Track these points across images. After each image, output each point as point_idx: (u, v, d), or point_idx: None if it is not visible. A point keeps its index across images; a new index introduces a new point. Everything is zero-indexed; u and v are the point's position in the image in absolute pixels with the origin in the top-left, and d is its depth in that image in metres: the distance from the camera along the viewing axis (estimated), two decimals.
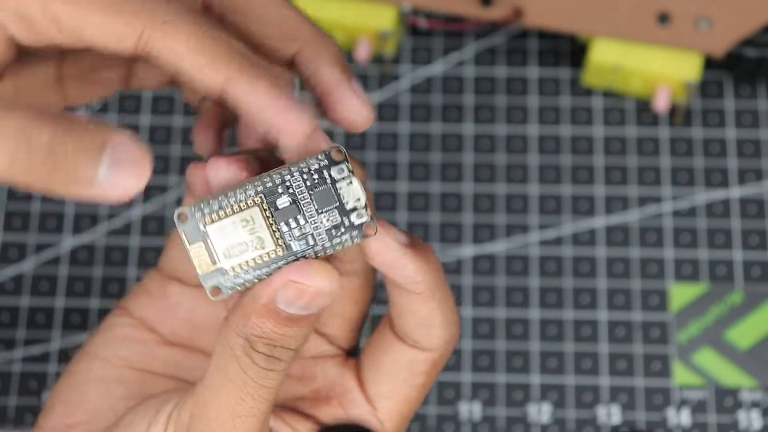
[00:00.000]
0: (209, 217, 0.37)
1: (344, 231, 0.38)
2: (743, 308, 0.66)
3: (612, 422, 0.64)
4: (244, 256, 0.37)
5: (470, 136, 0.69)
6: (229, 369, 0.38)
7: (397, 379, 0.42)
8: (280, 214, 0.38)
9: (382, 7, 0.68)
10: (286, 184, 0.37)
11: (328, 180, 0.38)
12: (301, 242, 0.38)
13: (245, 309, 0.38)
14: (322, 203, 0.38)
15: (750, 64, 0.68)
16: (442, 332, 0.41)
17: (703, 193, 0.68)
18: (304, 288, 0.37)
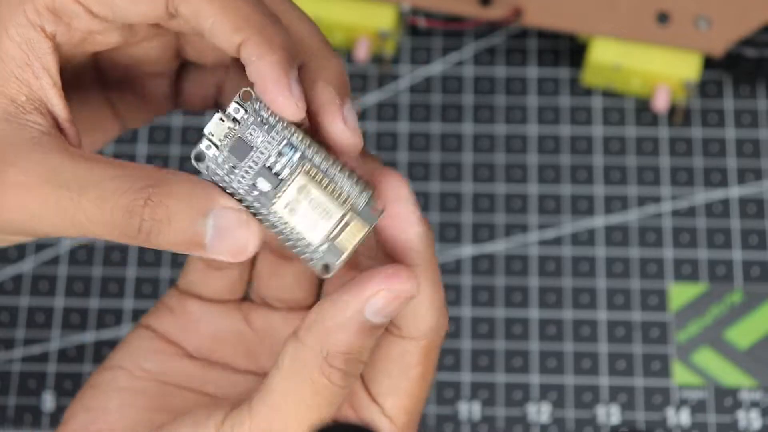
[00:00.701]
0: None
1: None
2: (743, 308, 0.66)
3: (611, 422, 0.64)
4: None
5: (469, 136, 0.69)
6: (303, 391, 0.38)
7: (393, 373, 0.41)
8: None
9: (381, 7, 0.68)
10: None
11: None
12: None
13: (326, 324, 0.37)
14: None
15: (749, 64, 0.68)
16: (429, 317, 0.40)
17: (703, 192, 0.68)
18: (396, 295, 0.37)
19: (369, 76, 0.70)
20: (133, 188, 0.36)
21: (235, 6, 0.37)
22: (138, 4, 0.37)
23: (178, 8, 0.37)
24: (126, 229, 0.36)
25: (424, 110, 0.70)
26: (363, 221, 0.38)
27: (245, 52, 0.37)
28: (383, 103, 0.70)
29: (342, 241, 0.37)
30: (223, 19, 0.37)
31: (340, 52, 0.70)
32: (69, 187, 0.36)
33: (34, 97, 0.37)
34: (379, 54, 0.69)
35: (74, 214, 0.36)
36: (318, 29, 0.40)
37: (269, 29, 0.37)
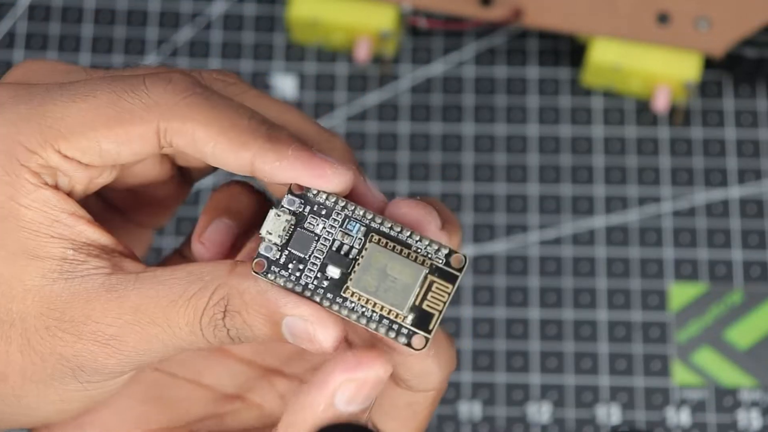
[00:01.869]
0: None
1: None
2: (743, 308, 0.66)
3: (611, 422, 0.64)
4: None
5: (470, 136, 0.69)
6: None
7: (400, 418, 0.40)
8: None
9: (382, 7, 0.68)
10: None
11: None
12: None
13: (300, 427, 0.36)
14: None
15: (750, 64, 0.68)
16: (441, 373, 0.39)
17: (703, 193, 0.68)
18: (363, 382, 0.36)
19: (369, 76, 0.70)
20: (210, 304, 0.36)
21: (231, 123, 0.36)
22: (128, 146, 0.37)
23: (173, 141, 0.36)
24: (221, 340, 0.37)
25: (424, 110, 0.70)
26: (447, 279, 0.35)
27: (263, 164, 0.36)
28: (384, 104, 0.70)
29: (429, 305, 0.35)
30: (225, 140, 0.36)
31: (340, 53, 0.70)
32: (159, 323, 0.36)
33: (80, 245, 0.37)
34: (380, 54, 0.69)
35: (173, 343, 0.37)
36: (306, 116, 0.40)
37: (273, 131, 0.37)
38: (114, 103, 0.36)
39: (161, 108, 0.36)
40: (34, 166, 0.36)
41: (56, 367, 0.37)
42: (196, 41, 0.71)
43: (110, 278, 0.37)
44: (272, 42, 0.71)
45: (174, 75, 0.37)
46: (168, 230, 0.67)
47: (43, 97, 0.37)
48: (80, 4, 0.71)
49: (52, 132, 0.36)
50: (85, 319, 0.36)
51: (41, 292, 0.37)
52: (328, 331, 0.36)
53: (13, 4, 0.71)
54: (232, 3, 0.72)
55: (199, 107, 0.36)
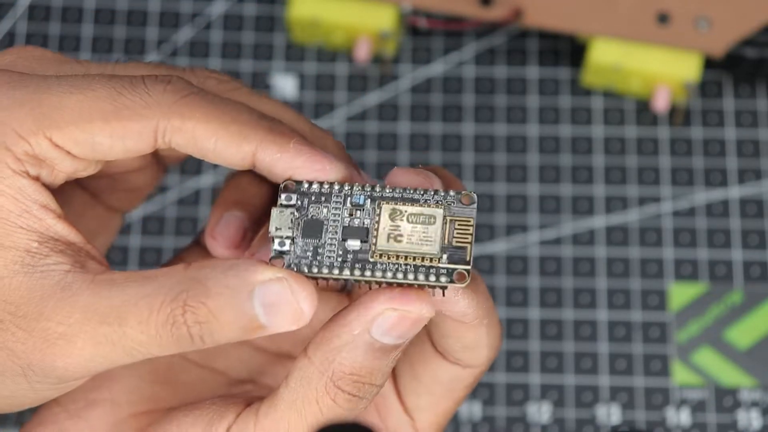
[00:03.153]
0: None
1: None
2: (743, 308, 0.66)
3: (612, 422, 0.64)
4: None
5: (470, 136, 0.69)
6: (306, 410, 0.37)
7: (437, 393, 0.40)
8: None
9: (382, 7, 0.68)
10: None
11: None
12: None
13: (332, 343, 0.36)
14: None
15: (750, 64, 0.68)
16: (487, 351, 0.40)
17: (703, 193, 0.68)
18: (404, 315, 0.36)
19: (369, 76, 0.70)
20: (167, 300, 0.35)
21: (232, 118, 0.36)
22: (122, 142, 0.36)
23: (172, 140, 0.36)
24: (178, 341, 0.35)
25: (424, 111, 0.70)
26: (466, 215, 0.36)
27: (265, 156, 0.36)
28: (384, 104, 0.70)
29: (458, 241, 0.36)
30: (227, 134, 0.36)
31: (340, 53, 0.71)
32: (109, 322, 0.35)
33: (46, 239, 0.37)
34: (380, 54, 0.69)
35: (124, 344, 0.36)
36: (300, 113, 0.40)
37: (274, 124, 0.37)
38: (113, 98, 0.36)
39: (161, 107, 0.36)
40: (20, 152, 0.36)
41: (6, 363, 0.36)
42: (196, 41, 0.71)
43: (67, 276, 0.36)
44: (272, 42, 0.71)
45: (172, 77, 0.37)
46: (168, 230, 0.67)
47: (38, 84, 0.37)
48: (80, 4, 0.71)
49: (47, 120, 0.36)
50: (37, 315, 0.36)
51: (1, 283, 0.36)
52: (307, 290, 0.35)
53: (13, 4, 0.71)
54: (232, 3, 0.72)
55: (199, 105, 0.36)
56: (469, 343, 0.39)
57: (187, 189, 0.68)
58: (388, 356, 0.37)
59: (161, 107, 0.36)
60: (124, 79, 0.37)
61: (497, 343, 0.40)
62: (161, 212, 0.67)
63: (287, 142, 0.36)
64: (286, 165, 0.36)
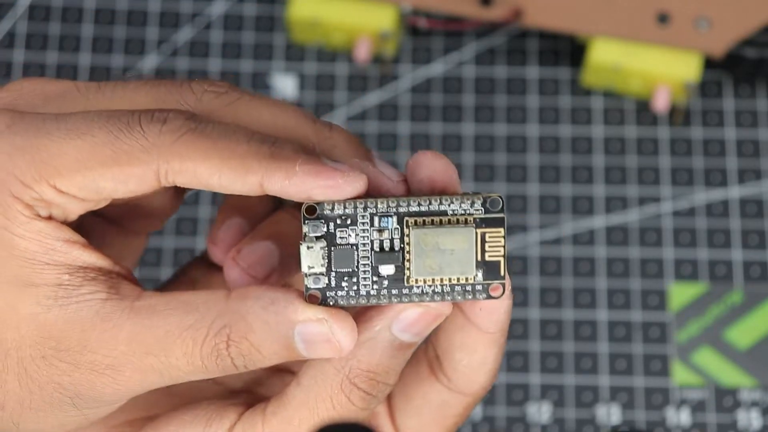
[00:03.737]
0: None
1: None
2: (743, 308, 0.66)
3: (611, 422, 0.64)
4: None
5: (470, 136, 0.69)
6: (319, 407, 0.37)
7: (428, 417, 0.40)
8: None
9: (382, 7, 0.68)
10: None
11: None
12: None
13: (361, 331, 0.36)
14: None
15: (749, 64, 0.68)
16: (486, 379, 0.39)
17: (703, 193, 0.68)
18: (426, 311, 0.36)
19: (370, 76, 0.70)
20: (210, 334, 0.35)
21: (231, 152, 0.36)
22: (125, 185, 0.36)
23: (175, 180, 0.36)
24: (223, 369, 0.36)
25: (424, 111, 0.70)
26: (495, 225, 0.36)
27: (272, 185, 0.36)
28: (384, 104, 0.70)
29: (491, 255, 0.36)
30: (229, 170, 0.36)
31: (340, 53, 0.71)
32: (154, 353, 0.36)
33: (75, 269, 0.37)
34: (380, 54, 0.69)
35: (171, 373, 0.36)
36: (303, 110, 0.39)
37: (277, 148, 0.36)
38: (111, 143, 0.36)
39: (159, 149, 0.36)
40: (28, 199, 0.36)
41: (54, 396, 0.37)
42: (196, 41, 0.71)
43: (105, 305, 0.36)
44: (272, 42, 0.71)
45: (168, 114, 0.37)
46: (168, 230, 0.67)
47: (38, 128, 0.37)
48: (80, 4, 0.71)
49: (48, 168, 0.36)
50: (81, 348, 0.36)
51: (36, 320, 0.36)
52: (346, 328, 0.35)
53: (13, 4, 0.71)
54: (232, 3, 0.72)
55: (196, 144, 0.36)
56: (475, 360, 0.39)
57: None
58: (404, 355, 0.37)
59: (159, 150, 0.36)
60: (121, 119, 0.37)
61: (493, 377, 0.40)
62: None
63: (292, 167, 0.35)
64: (297, 189, 0.36)
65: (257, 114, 0.38)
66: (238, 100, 0.39)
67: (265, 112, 0.39)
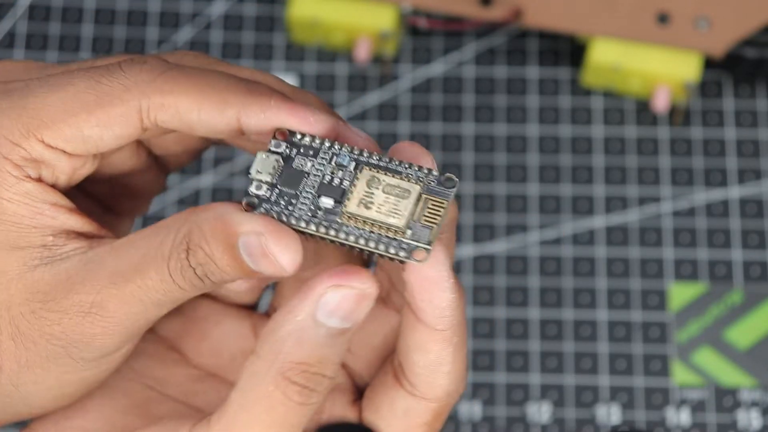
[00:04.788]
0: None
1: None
2: (743, 308, 0.66)
3: (611, 422, 0.64)
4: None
5: (470, 137, 0.69)
6: (256, 408, 0.36)
7: (396, 425, 0.39)
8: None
9: (382, 7, 0.68)
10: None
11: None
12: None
13: (278, 333, 0.36)
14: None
15: (749, 64, 0.68)
16: (446, 382, 0.39)
17: (703, 193, 0.68)
18: (347, 292, 0.35)
19: (369, 76, 0.70)
20: (174, 245, 0.36)
21: (211, 86, 0.37)
22: (110, 129, 0.37)
23: (157, 118, 0.37)
24: (192, 284, 0.36)
25: (424, 110, 0.70)
26: (441, 196, 0.36)
27: (248, 117, 0.37)
28: (384, 104, 0.70)
29: (427, 220, 0.36)
30: (209, 103, 0.37)
31: (340, 53, 0.71)
32: (132, 279, 0.36)
33: (60, 231, 0.37)
34: (380, 54, 0.69)
35: (152, 297, 0.36)
36: (278, 77, 0.40)
37: (252, 86, 0.37)
38: (92, 88, 0.37)
39: (140, 87, 0.37)
40: (17, 158, 0.37)
41: (48, 348, 0.37)
42: (196, 41, 0.71)
43: (87, 253, 0.37)
44: (272, 42, 0.71)
45: (148, 58, 0.38)
46: None
47: (22, 91, 0.38)
48: (80, 4, 0.71)
49: (35, 122, 0.37)
50: (67, 293, 0.37)
51: (23, 279, 0.37)
52: (282, 244, 0.35)
53: (13, 4, 0.71)
54: (232, 3, 0.72)
55: (177, 79, 0.37)
56: (431, 360, 0.38)
57: (187, 189, 0.68)
58: (336, 342, 0.36)
59: (140, 87, 0.37)
60: (101, 67, 0.38)
61: (458, 383, 0.39)
62: (161, 212, 0.67)
63: (268, 101, 0.37)
64: (271, 123, 0.37)
65: (236, 73, 0.39)
66: (216, 62, 0.40)
67: (243, 71, 0.40)
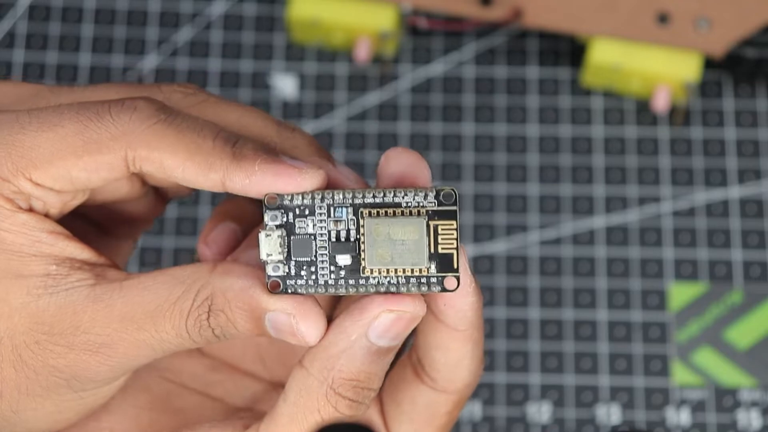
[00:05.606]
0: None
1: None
2: (742, 308, 0.66)
3: (611, 422, 0.64)
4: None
5: (470, 137, 0.69)
6: (308, 420, 0.37)
7: (418, 420, 0.41)
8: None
9: (382, 7, 0.68)
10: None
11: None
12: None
13: (330, 350, 0.37)
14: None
15: (749, 64, 0.68)
16: (466, 375, 0.40)
17: (703, 193, 0.68)
18: (400, 315, 0.37)
19: (369, 76, 0.70)
20: (195, 305, 0.37)
21: (197, 147, 0.37)
22: (96, 173, 0.37)
23: (142, 168, 0.37)
24: (206, 339, 0.37)
25: (424, 110, 0.70)
26: (448, 217, 0.36)
27: (233, 184, 0.37)
28: (384, 104, 0.70)
29: (444, 248, 0.36)
30: (193, 165, 0.37)
31: (340, 53, 0.71)
32: (146, 328, 0.37)
33: (62, 260, 0.38)
34: (380, 54, 0.69)
35: (161, 346, 0.37)
36: (267, 114, 0.40)
37: (238, 149, 0.37)
38: (81, 133, 0.37)
39: (128, 137, 0.37)
40: (7, 192, 0.37)
41: (50, 379, 0.38)
42: (196, 41, 0.71)
43: (95, 289, 0.37)
44: (272, 42, 0.71)
45: (138, 102, 0.37)
46: (168, 230, 0.67)
47: (12, 125, 0.38)
48: (80, 4, 0.71)
49: (23, 161, 0.37)
50: (74, 329, 0.37)
51: (27, 309, 0.37)
52: (310, 323, 0.36)
53: (13, 4, 0.71)
54: (232, 3, 0.72)
55: (164, 134, 0.37)
56: (452, 358, 0.39)
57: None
58: (384, 359, 0.37)
59: (128, 137, 0.37)
60: (91, 109, 0.37)
61: (477, 374, 0.40)
62: (162, 213, 0.67)
63: (252, 166, 0.36)
64: (256, 188, 0.37)
65: (224, 114, 0.39)
66: (205, 101, 0.40)
67: (230, 113, 0.40)
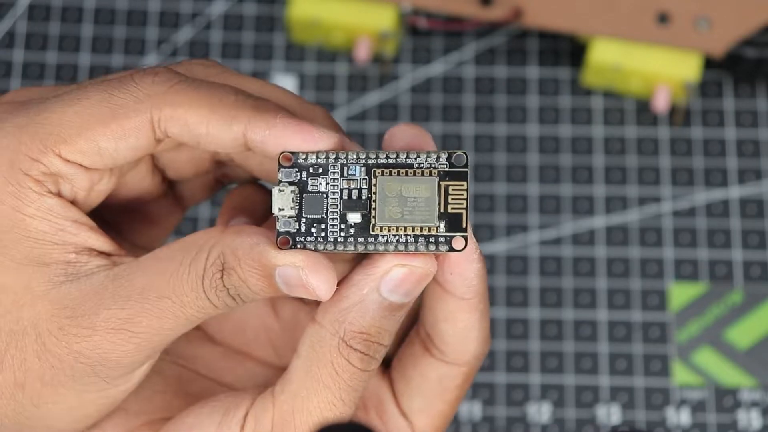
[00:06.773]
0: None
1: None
2: (743, 308, 0.66)
3: (611, 422, 0.64)
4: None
5: (470, 137, 0.69)
6: (322, 373, 0.38)
7: (429, 394, 0.41)
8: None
9: (382, 7, 0.68)
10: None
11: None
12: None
13: (342, 304, 0.38)
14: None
15: (750, 64, 0.68)
16: (475, 346, 0.41)
17: (703, 193, 0.68)
18: (411, 271, 0.37)
19: (370, 76, 0.70)
20: (209, 264, 0.37)
21: (220, 101, 0.38)
22: (124, 141, 0.38)
23: (167, 129, 0.38)
24: (224, 302, 0.37)
25: (424, 110, 0.70)
26: (459, 178, 0.37)
27: (254, 134, 0.37)
28: (384, 104, 0.70)
29: (454, 208, 0.37)
30: (217, 117, 0.37)
31: (340, 53, 0.71)
32: (167, 295, 0.37)
33: (82, 249, 0.38)
34: (380, 54, 0.69)
35: (184, 313, 0.37)
36: (287, 89, 0.41)
37: (259, 102, 0.38)
38: (106, 101, 0.38)
39: (152, 99, 0.38)
40: (37, 174, 0.38)
41: (75, 366, 0.38)
42: (196, 41, 0.71)
43: (114, 270, 0.38)
44: (272, 42, 0.71)
45: (159, 69, 0.39)
46: None
47: (39, 107, 0.38)
48: (80, 4, 0.71)
49: (52, 137, 0.37)
50: (96, 309, 0.37)
51: (49, 296, 0.38)
52: (320, 276, 0.37)
53: (13, 4, 0.71)
54: (232, 3, 0.72)
55: (187, 92, 0.38)
56: (460, 328, 0.40)
57: None
58: (395, 316, 0.38)
59: (152, 99, 0.38)
60: (114, 80, 0.38)
61: (485, 345, 0.41)
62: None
63: (273, 118, 0.37)
64: (275, 141, 0.37)
65: (245, 84, 0.40)
66: (225, 72, 0.41)
67: (252, 84, 0.40)
